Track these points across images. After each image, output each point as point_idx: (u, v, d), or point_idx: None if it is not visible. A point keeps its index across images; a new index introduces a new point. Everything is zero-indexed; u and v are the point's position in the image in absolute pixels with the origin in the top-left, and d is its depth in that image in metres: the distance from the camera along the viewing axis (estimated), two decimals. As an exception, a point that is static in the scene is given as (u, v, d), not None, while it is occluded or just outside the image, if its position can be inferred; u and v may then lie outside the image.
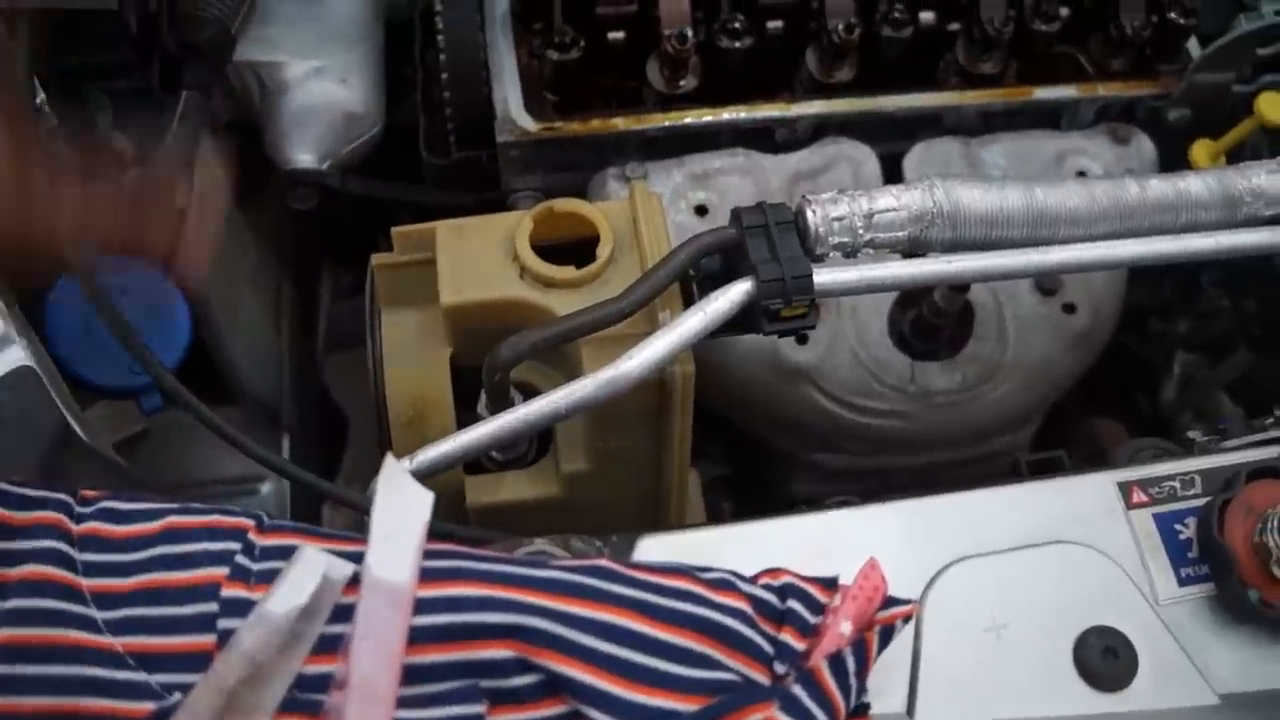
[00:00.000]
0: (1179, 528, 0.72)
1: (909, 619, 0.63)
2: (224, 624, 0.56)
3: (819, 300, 0.77)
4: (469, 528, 0.72)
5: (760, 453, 1.13)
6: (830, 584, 0.63)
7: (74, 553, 0.58)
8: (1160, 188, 0.84)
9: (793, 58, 1.09)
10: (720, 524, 0.76)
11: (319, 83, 1.05)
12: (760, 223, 0.78)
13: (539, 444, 0.86)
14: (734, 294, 0.75)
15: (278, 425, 1.09)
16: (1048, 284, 1.05)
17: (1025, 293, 1.05)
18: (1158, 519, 0.73)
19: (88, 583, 0.58)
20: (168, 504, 0.61)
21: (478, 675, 0.56)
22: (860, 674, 0.60)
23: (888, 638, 0.62)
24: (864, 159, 1.06)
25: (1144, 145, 1.10)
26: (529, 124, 1.04)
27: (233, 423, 0.78)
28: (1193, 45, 1.12)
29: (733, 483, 1.20)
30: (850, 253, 0.80)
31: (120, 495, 0.62)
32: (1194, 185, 0.84)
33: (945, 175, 0.81)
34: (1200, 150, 1.06)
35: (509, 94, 1.04)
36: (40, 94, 0.84)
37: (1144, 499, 0.73)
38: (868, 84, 1.08)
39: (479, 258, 0.81)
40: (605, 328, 0.75)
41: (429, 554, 0.59)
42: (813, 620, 0.61)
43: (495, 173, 1.06)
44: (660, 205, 0.84)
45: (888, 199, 0.79)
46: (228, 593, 0.57)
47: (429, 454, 0.72)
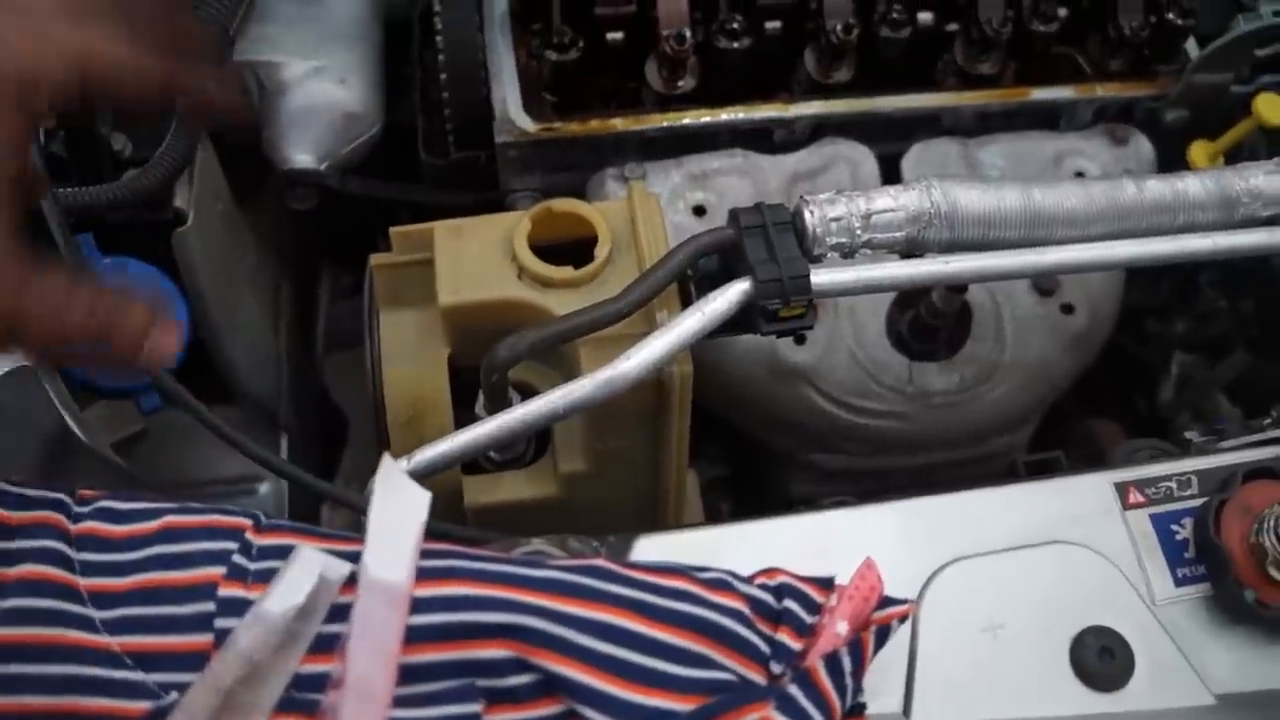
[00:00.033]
0: (1175, 528, 0.72)
1: (905, 619, 0.63)
2: (221, 623, 0.57)
3: (817, 301, 0.77)
4: (466, 527, 0.72)
5: (758, 453, 1.14)
6: (827, 584, 0.63)
7: (71, 552, 0.59)
8: (1157, 188, 0.84)
9: (791, 58, 1.09)
10: (717, 524, 0.76)
11: (318, 83, 1.05)
12: (758, 223, 0.78)
13: (537, 444, 0.86)
14: (732, 294, 0.75)
15: (276, 425, 1.09)
16: (1045, 284, 1.05)
17: (1023, 293, 1.05)
18: (1154, 519, 0.73)
19: (85, 582, 0.58)
20: (165, 504, 0.61)
21: (474, 674, 0.56)
22: (856, 674, 0.60)
23: (884, 638, 0.62)
24: (862, 159, 1.06)
25: (1142, 146, 1.10)
26: (527, 124, 1.04)
27: (231, 423, 0.79)
28: (1191, 46, 1.12)
29: (731, 483, 1.20)
30: (848, 253, 0.80)
31: (118, 495, 0.62)
32: (1191, 186, 0.84)
33: (943, 176, 0.81)
34: (1198, 151, 1.07)
35: (507, 94, 1.04)
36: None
37: (1141, 499, 0.73)
38: (866, 84, 1.08)
39: (477, 258, 0.81)
40: (603, 328, 0.75)
41: (426, 553, 0.59)
42: (809, 620, 0.61)
43: (494, 173, 1.06)
44: (658, 205, 0.84)
45: (885, 199, 0.79)
46: (225, 592, 0.57)
47: (426, 454, 0.73)
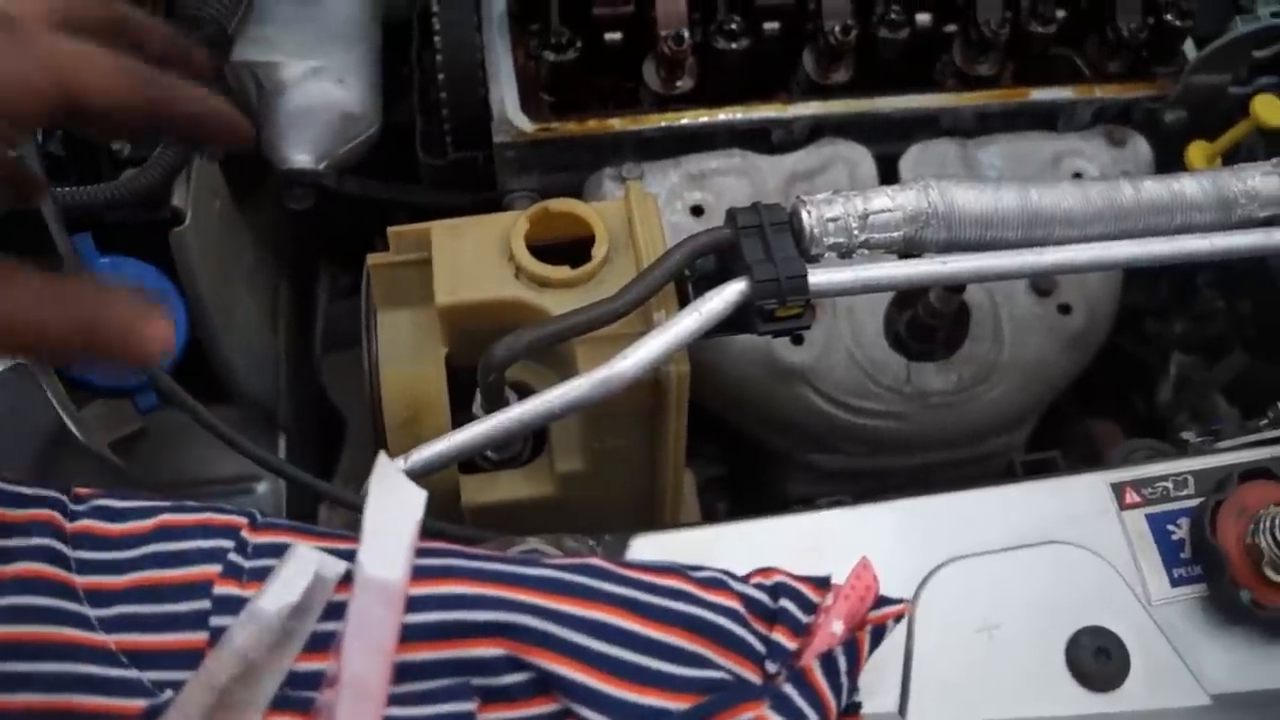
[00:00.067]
0: (1172, 528, 0.72)
1: (901, 619, 0.63)
2: (216, 621, 0.57)
3: (814, 301, 0.77)
4: (462, 526, 0.72)
5: (755, 453, 1.14)
6: (822, 583, 0.63)
7: (67, 550, 0.59)
8: (1155, 189, 0.84)
9: (789, 59, 1.09)
10: (714, 523, 0.76)
11: (316, 83, 1.05)
12: (755, 223, 0.78)
13: (534, 443, 0.86)
14: (729, 294, 0.75)
15: (274, 425, 1.09)
16: (1043, 285, 1.05)
17: (1021, 293, 1.05)
18: (1150, 519, 0.73)
19: (81, 580, 0.58)
20: (161, 502, 0.61)
21: (469, 673, 0.56)
22: (852, 673, 0.60)
23: (879, 637, 0.62)
24: (860, 160, 1.06)
25: (1140, 147, 1.10)
26: (525, 124, 1.04)
27: (229, 422, 0.79)
28: (1189, 47, 1.12)
29: (728, 483, 1.20)
30: (845, 253, 0.80)
31: (114, 493, 0.62)
32: (1189, 187, 0.84)
33: (940, 176, 0.81)
34: (1196, 152, 1.06)
35: (505, 95, 1.04)
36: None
37: (1137, 499, 0.73)
38: (864, 85, 1.08)
39: (474, 258, 0.81)
40: (600, 327, 0.75)
41: (421, 552, 0.59)
42: (805, 619, 0.61)
43: (491, 173, 1.06)
44: (655, 205, 0.84)
45: (883, 199, 0.79)
46: (220, 590, 0.57)
47: (423, 453, 0.73)
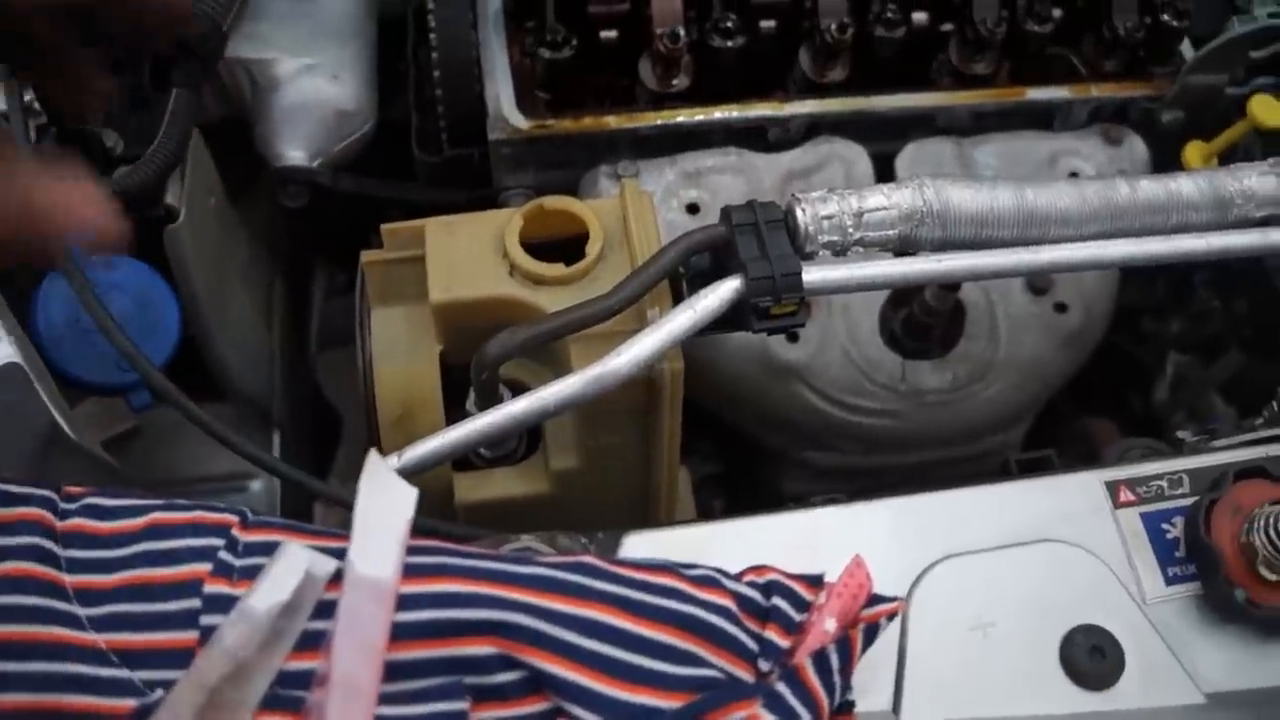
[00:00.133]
0: (1166, 527, 0.72)
1: (894, 617, 0.63)
2: (206, 620, 0.56)
3: (809, 298, 0.77)
4: (454, 524, 0.72)
5: (751, 451, 1.13)
6: (815, 581, 0.63)
7: (57, 549, 0.58)
8: (1151, 188, 0.84)
9: (785, 57, 1.09)
10: (707, 521, 0.76)
11: (310, 80, 1.05)
12: (750, 221, 0.77)
13: (528, 441, 0.86)
14: (723, 292, 0.75)
15: (269, 422, 1.09)
16: (1039, 283, 1.05)
17: (1017, 292, 1.05)
18: (1145, 518, 0.72)
19: (71, 579, 0.58)
20: (152, 500, 0.61)
21: (461, 672, 0.56)
22: (844, 671, 0.59)
23: (872, 635, 0.62)
24: (856, 158, 1.06)
25: (1136, 146, 1.10)
26: (521, 122, 1.04)
27: (223, 420, 0.78)
28: (1186, 47, 1.12)
29: (724, 480, 1.20)
30: (840, 251, 0.80)
31: (105, 491, 0.62)
32: (1185, 186, 0.84)
33: (936, 174, 0.81)
34: (1193, 152, 1.06)
35: (501, 92, 1.04)
36: (29, 90, 0.84)
37: (1131, 498, 0.73)
38: (860, 84, 1.08)
39: (468, 255, 0.81)
40: (594, 325, 0.75)
41: (412, 550, 0.59)
42: (797, 618, 0.61)
43: (487, 170, 1.06)
44: (650, 203, 0.84)
45: (878, 198, 0.79)
46: (210, 589, 0.57)
47: (417, 451, 0.72)
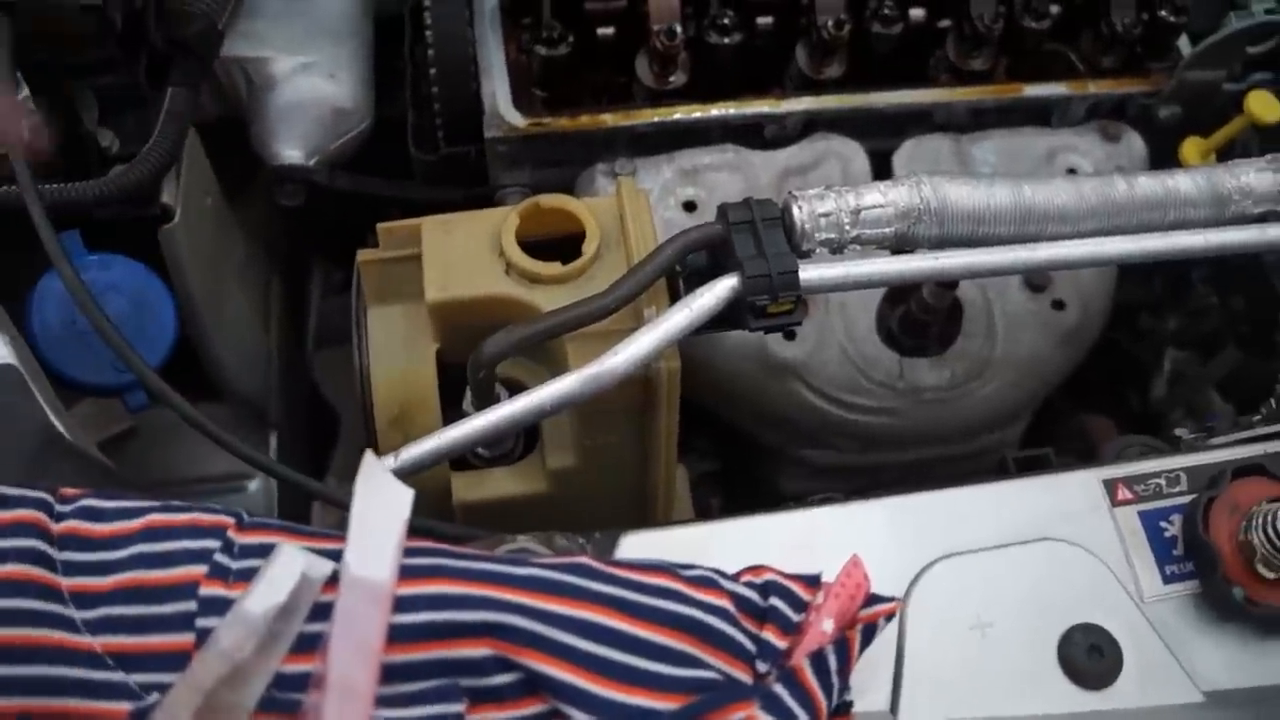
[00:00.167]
0: (1164, 525, 0.72)
1: (892, 617, 0.63)
2: (202, 623, 0.56)
3: (806, 296, 0.77)
4: (451, 524, 0.72)
5: (748, 449, 1.13)
6: (813, 581, 0.62)
7: (53, 552, 0.58)
8: (1149, 185, 0.84)
9: (783, 54, 1.09)
10: (704, 520, 0.76)
11: (307, 78, 1.05)
12: (746, 219, 0.77)
13: (526, 440, 0.86)
14: (719, 290, 0.75)
15: (265, 422, 1.09)
16: (1037, 281, 1.05)
17: (1014, 289, 1.05)
18: (1143, 516, 0.72)
19: (67, 582, 0.57)
20: (148, 502, 0.61)
21: (457, 674, 0.56)
22: (842, 672, 0.59)
23: (870, 636, 0.62)
24: (853, 155, 1.06)
25: (1134, 143, 1.10)
26: (517, 120, 1.03)
27: (219, 420, 0.78)
28: (1183, 43, 1.12)
29: (721, 478, 1.19)
30: (837, 249, 0.79)
31: (100, 493, 0.61)
32: (1183, 183, 0.84)
33: (933, 172, 0.81)
34: (1190, 148, 1.06)
35: (497, 89, 1.04)
36: (24, 90, 0.84)
37: (1129, 496, 0.73)
38: (858, 80, 1.08)
39: (465, 253, 0.80)
40: (590, 324, 0.75)
41: (408, 551, 0.58)
42: (795, 618, 0.61)
43: (484, 168, 1.06)
44: (647, 201, 0.84)
45: (874, 195, 0.79)
46: (206, 591, 0.57)
47: (413, 451, 0.72)
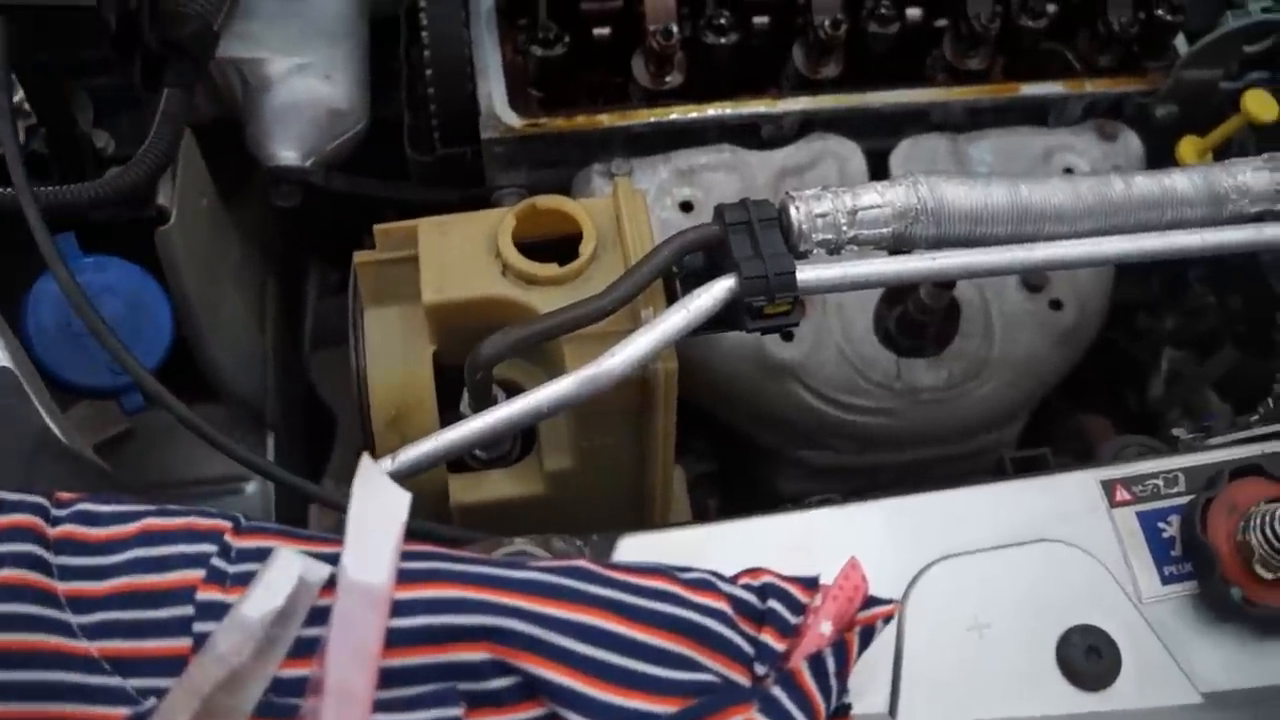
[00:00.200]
0: (1162, 526, 0.72)
1: (890, 619, 0.62)
2: (199, 627, 0.56)
3: (803, 297, 0.77)
4: (448, 527, 0.72)
5: (746, 450, 1.13)
6: (811, 584, 0.62)
7: (49, 556, 0.58)
8: (1146, 185, 0.84)
9: (779, 54, 1.09)
10: (702, 523, 0.76)
11: (302, 79, 1.04)
12: (743, 219, 0.77)
13: (523, 442, 0.86)
14: (717, 291, 0.75)
15: (262, 424, 1.09)
16: (1034, 280, 1.05)
17: (1012, 289, 1.05)
18: (1141, 517, 0.72)
19: (63, 587, 0.57)
20: (145, 506, 0.61)
21: (455, 678, 0.56)
22: (841, 675, 0.59)
23: (868, 638, 0.62)
24: (850, 155, 1.06)
25: (1131, 142, 1.10)
26: (514, 120, 1.03)
27: (216, 422, 0.78)
28: (1180, 42, 1.12)
29: (719, 479, 1.19)
30: (834, 249, 0.79)
31: (97, 497, 0.61)
32: (1180, 182, 0.84)
33: (930, 172, 0.81)
34: (1187, 147, 1.06)
35: (493, 90, 1.04)
36: (19, 91, 0.84)
37: (1127, 497, 0.73)
38: (854, 80, 1.08)
39: (461, 255, 0.80)
40: (587, 325, 0.75)
41: (406, 555, 0.58)
42: (793, 620, 0.61)
43: (480, 169, 1.06)
44: (644, 202, 0.84)
45: (872, 195, 0.79)
46: (203, 596, 0.57)
47: (410, 453, 0.72)
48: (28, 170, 0.79)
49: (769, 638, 0.60)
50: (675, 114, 1.05)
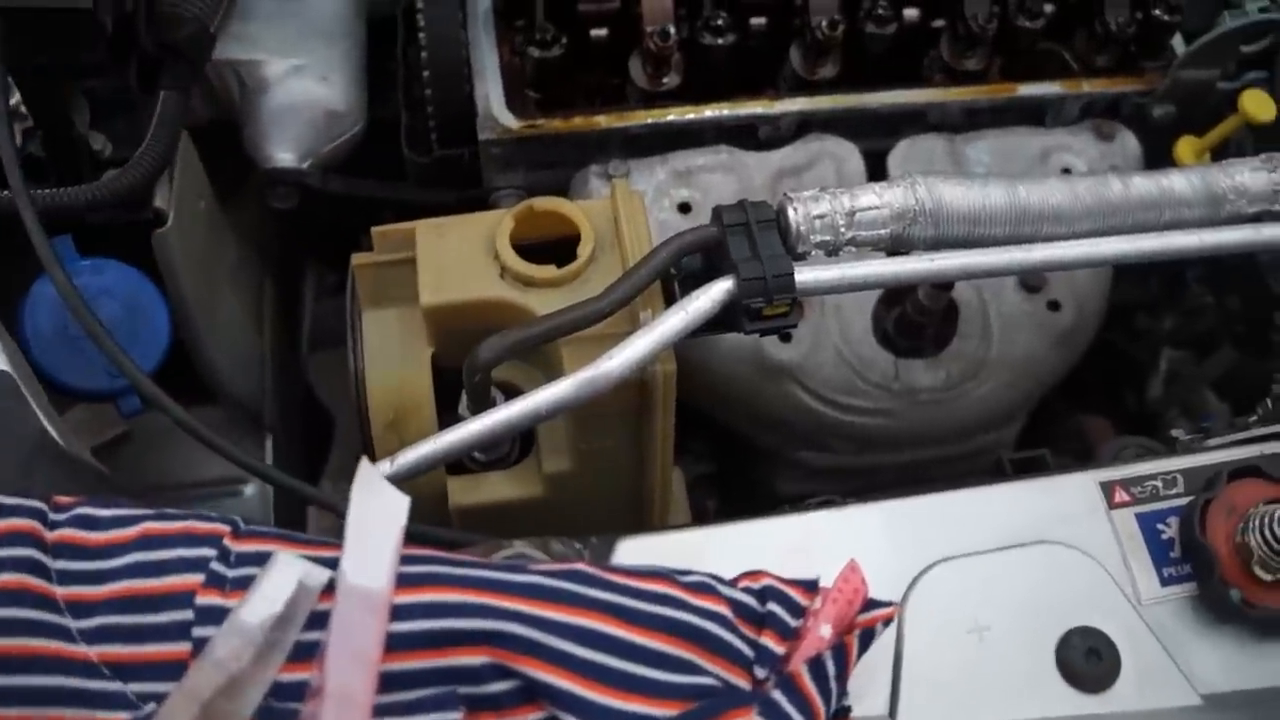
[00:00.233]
0: (1161, 527, 0.72)
1: (889, 621, 0.62)
2: (199, 632, 0.56)
3: (801, 298, 0.77)
4: (447, 530, 0.72)
5: (744, 451, 1.13)
6: (811, 586, 0.62)
7: (48, 560, 0.58)
8: (1144, 185, 0.84)
9: (776, 54, 1.08)
10: (701, 525, 0.76)
11: (299, 81, 1.04)
12: (741, 221, 0.77)
13: (522, 444, 0.86)
14: (715, 293, 0.75)
15: (260, 425, 1.09)
16: (1032, 281, 1.05)
17: (1010, 290, 1.05)
18: (1140, 519, 0.72)
19: (62, 591, 0.57)
20: (143, 510, 0.61)
21: (455, 682, 0.56)
22: (840, 678, 0.59)
23: (868, 641, 0.61)
24: (848, 156, 1.06)
25: (1128, 142, 1.10)
26: (511, 121, 1.03)
27: (214, 424, 0.78)
28: (1177, 42, 1.12)
29: (717, 480, 1.19)
30: (832, 251, 0.79)
31: (95, 501, 0.61)
32: (1177, 183, 0.84)
33: (928, 173, 0.81)
34: (1185, 147, 1.06)
35: (491, 91, 1.04)
36: (15, 94, 0.84)
37: (1126, 498, 0.73)
38: (852, 81, 1.08)
39: (459, 257, 0.80)
40: (586, 327, 0.75)
41: (405, 559, 0.58)
42: (793, 623, 0.61)
43: (477, 170, 1.06)
44: (642, 204, 0.84)
45: (869, 197, 0.79)
46: (202, 600, 0.57)
47: (409, 456, 0.72)
48: (24, 173, 0.79)
49: (769, 641, 0.60)
50: (673, 115, 1.05)
